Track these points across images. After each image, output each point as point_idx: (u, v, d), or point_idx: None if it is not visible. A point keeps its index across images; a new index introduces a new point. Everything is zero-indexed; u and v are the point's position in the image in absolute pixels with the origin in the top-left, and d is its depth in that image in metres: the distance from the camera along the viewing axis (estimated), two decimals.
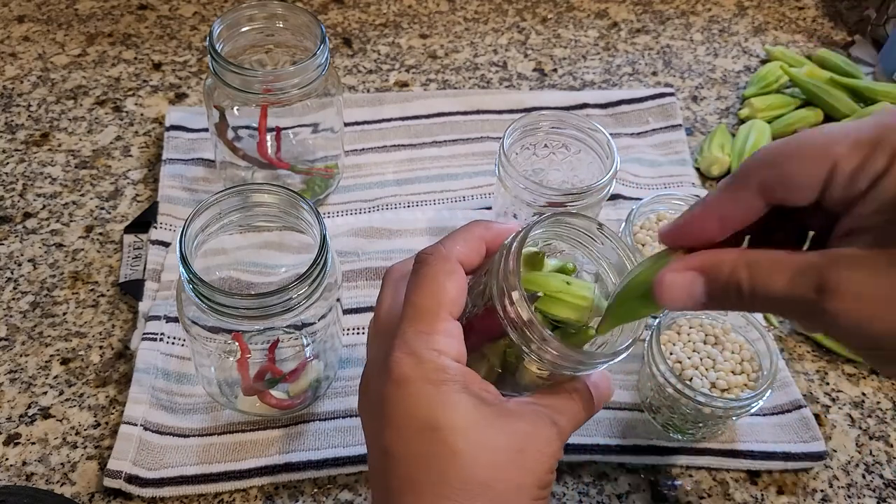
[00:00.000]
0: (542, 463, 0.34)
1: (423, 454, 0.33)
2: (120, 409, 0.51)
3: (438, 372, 0.33)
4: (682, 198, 0.58)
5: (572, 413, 0.36)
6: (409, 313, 0.34)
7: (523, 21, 0.81)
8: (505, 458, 0.33)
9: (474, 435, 0.32)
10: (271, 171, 0.62)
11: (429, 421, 0.32)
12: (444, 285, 0.34)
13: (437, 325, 0.34)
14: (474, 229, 0.37)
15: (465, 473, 0.32)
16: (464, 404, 0.33)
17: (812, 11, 0.85)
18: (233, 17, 0.55)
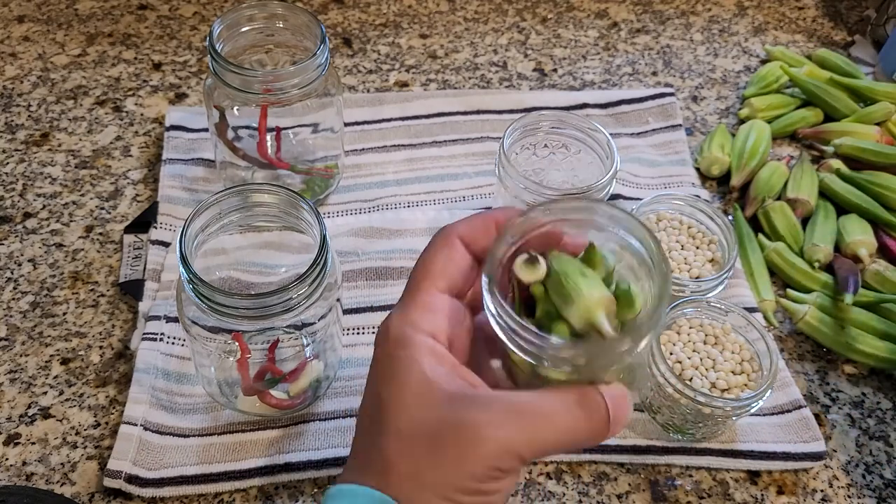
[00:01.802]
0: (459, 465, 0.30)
1: (366, 425, 0.33)
2: (120, 409, 0.51)
3: (398, 345, 0.32)
4: (682, 198, 0.58)
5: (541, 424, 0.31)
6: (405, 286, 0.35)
7: (523, 21, 0.81)
8: (417, 447, 0.31)
9: (402, 414, 0.31)
10: (271, 171, 0.62)
11: (374, 393, 0.33)
12: (432, 258, 0.34)
13: (416, 297, 0.33)
14: (489, 212, 0.36)
15: (384, 453, 0.31)
16: (404, 382, 0.32)
17: (812, 11, 0.85)
18: (233, 17, 0.55)
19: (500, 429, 0.30)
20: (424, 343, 0.32)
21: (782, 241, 0.62)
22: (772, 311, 0.58)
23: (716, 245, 0.57)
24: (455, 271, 0.34)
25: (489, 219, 0.35)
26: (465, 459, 0.30)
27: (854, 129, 0.69)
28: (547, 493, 0.49)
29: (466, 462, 0.30)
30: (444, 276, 0.34)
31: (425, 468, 0.31)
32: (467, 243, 0.35)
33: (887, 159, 0.65)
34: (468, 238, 0.35)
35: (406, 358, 0.32)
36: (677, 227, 0.58)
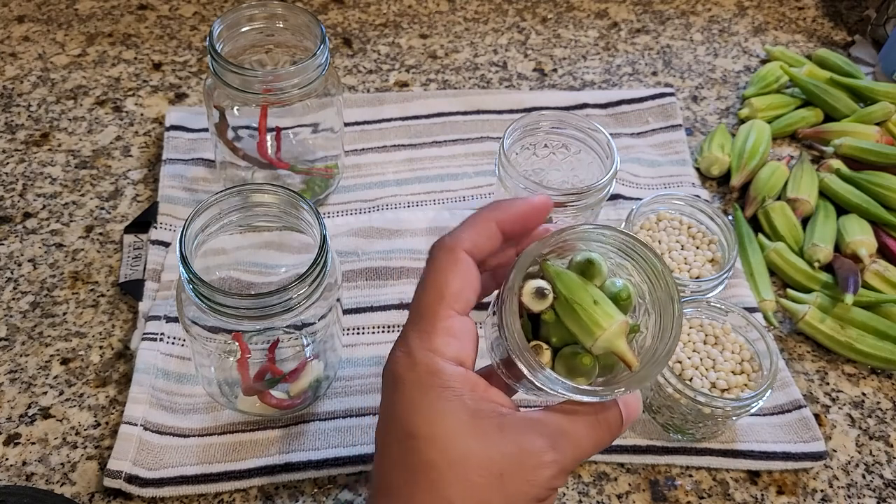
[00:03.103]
0: (524, 490, 0.31)
1: (400, 460, 0.32)
2: (120, 409, 0.51)
3: (430, 375, 0.32)
4: (683, 198, 0.58)
5: (580, 440, 0.32)
6: (413, 310, 0.34)
7: (523, 21, 0.81)
8: (480, 479, 0.31)
9: (452, 449, 0.31)
10: (271, 171, 0.62)
11: (409, 428, 0.31)
12: (445, 280, 0.33)
13: (437, 324, 0.32)
14: (486, 213, 0.35)
15: (433, 487, 0.31)
16: (450, 414, 0.31)
17: (812, 11, 0.85)
18: (233, 17, 0.55)
19: (556, 453, 0.31)
20: (456, 372, 0.32)
21: (782, 241, 0.62)
22: (772, 311, 0.58)
23: (716, 245, 0.57)
24: (470, 291, 0.33)
25: (489, 222, 0.35)
26: (531, 484, 0.31)
27: (854, 129, 0.69)
28: None
29: (533, 487, 0.31)
30: (460, 299, 0.33)
31: (493, 499, 0.31)
32: (472, 253, 0.34)
33: (887, 159, 0.65)
34: (474, 250, 0.34)
35: (442, 388, 0.31)
36: (677, 227, 0.58)
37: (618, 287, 0.34)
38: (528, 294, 0.33)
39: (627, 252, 0.34)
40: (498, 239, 0.35)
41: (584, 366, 0.33)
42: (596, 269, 0.34)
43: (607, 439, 0.33)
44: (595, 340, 0.32)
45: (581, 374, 0.33)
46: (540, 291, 0.33)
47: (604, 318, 0.32)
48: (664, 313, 0.33)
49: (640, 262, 0.34)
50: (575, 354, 0.33)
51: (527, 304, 0.33)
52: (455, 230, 0.35)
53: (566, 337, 0.34)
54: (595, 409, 0.33)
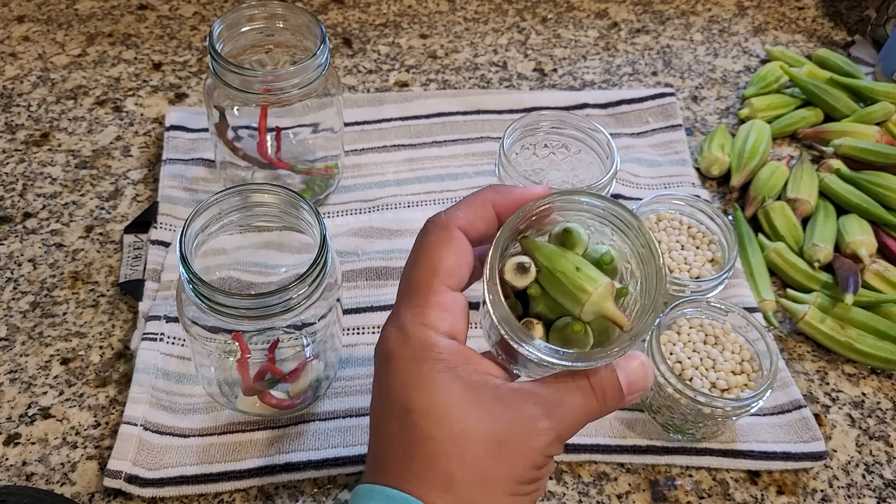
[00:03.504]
0: (523, 457, 0.31)
1: (395, 435, 0.32)
2: (120, 409, 0.51)
3: (423, 349, 0.31)
4: (683, 198, 0.58)
5: (574, 407, 0.32)
6: (404, 286, 0.33)
7: (523, 21, 0.81)
8: (477, 449, 0.31)
9: (450, 421, 0.31)
10: (271, 171, 0.62)
11: (404, 403, 0.31)
12: (438, 255, 0.33)
13: (430, 298, 0.32)
14: (483, 193, 0.35)
15: (431, 461, 0.31)
16: (445, 386, 0.31)
17: (812, 11, 0.85)
18: (233, 17, 0.55)
19: (551, 420, 0.32)
20: (449, 345, 0.32)
21: (782, 241, 0.62)
22: (772, 311, 0.58)
23: (716, 245, 0.57)
24: (463, 268, 0.33)
25: (486, 204, 0.34)
26: (528, 451, 0.31)
27: (854, 129, 0.69)
28: (547, 493, 0.49)
29: (529, 454, 0.31)
30: (453, 275, 0.33)
31: (492, 468, 0.31)
32: (467, 232, 0.34)
33: (887, 159, 0.65)
34: (468, 228, 0.34)
35: (436, 361, 0.31)
36: (677, 227, 0.58)
37: (600, 253, 0.34)
38: (511, 271, 0.33)
39: (604, 216, 0.34)
40: (494, 222, 0.34)
41: (576, 333, 0.32)
42: (574, 237, 0.34)
43: (604, 407, 0.33)
44: (583, 306, 0.32)
45: (576, 344, 0.33)
46: (521, 266, 0.33)
47: (588, 283, 0.32)
48: (647, 268, 0.33)
49: (617, 224, 0.34)
50: (566, 325, 0.33)
51: (510, 280, 0.33)
52: (451, 208, 0.34)
53: (556, 309, 0.33)
54: (589, 377, 0.33)
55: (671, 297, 0.53)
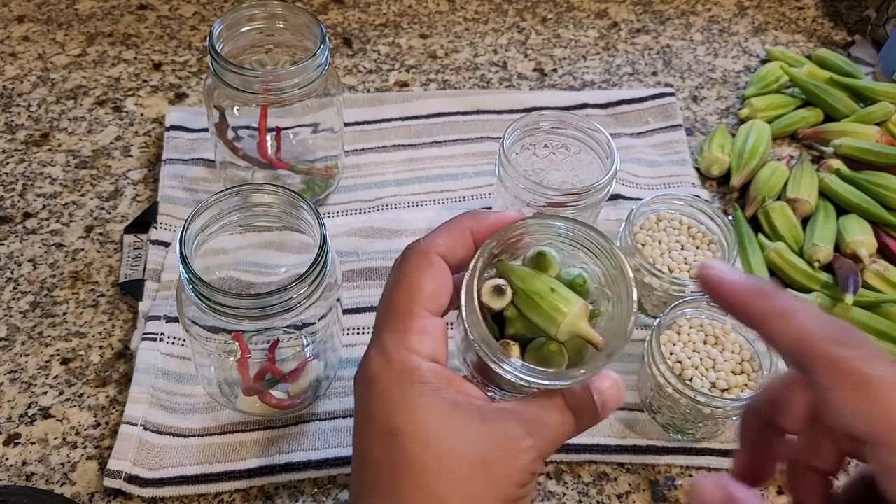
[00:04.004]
0: (508, 476, 0.31)
1: (381, 460, 0.32)
2: (120, 409, 0.51)
3: (406, 373, 0.32)
4: (683, 198, 0.58)
5: (554, 425, 0.33)
6: (384, 311, 0.34)
7: (523, 21, 0.81)
8: (464, 469, 0.31)
9: (436, 443, 0.31)
10: (271, 171, 0.62)
11: (389, 426, 0.31)
12: (418, 281, 0.33)
13: (411, 324, 0.33)
14: (461, 220, 0.35)
15: (419, 483, 0.31)
16: (429, 409, 0.31)
17: (812, 11, 0.85)
18: (233, 17, 0.55)
19: (534, 438, 0.32)
20: (432, 368, 0.32)
21: (782, 241, 0.62)
22: None
23: (716, 245, 0.57)
24: (443, 293, 0.34)
25: (464, 230, 0.35)
26: (513, 470, 0.31)
27: (854, 129, 0.69)
28: (547, 492, 0.49)
29: (514, 472, 0.31)
30: (433, 300, 0.33)
31: (479, 488, 0.31)
32: (446, 258, 0.34)
33: (887, 159, 0.65)
34: (447, 254, 0.34)
35: (421, 385, 0.32)
36: (677, 227, 0.58)
37: (573, 275, 0.35)
38: (487, 293, 0.34)
39: (574, 238, 0.34)
40: (471, 248, 0.35)
41: (552, 353, 0.33)
42: (548, 260, 0.35)
43: (580, 425, 0.34)
44: (558, 326, 0.33)
45: (552, 364, 0.34)
46: (498, 289, 0.33)
47: (563, 303, 0.33)
48: (619, 289, 0.34)
49: (588, 245, 0.34)
50: (542, 345, 0.34)
51: (487, 302, 0.33)
52: (429, 234, 0.35)
53: (532, 330, 0.34)
54: (565, 396, 0.33)
55: (671, 297, 0.53)
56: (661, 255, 0.56)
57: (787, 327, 0.29)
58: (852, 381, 0.27)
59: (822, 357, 0.27)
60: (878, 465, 0.27)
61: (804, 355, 0.28)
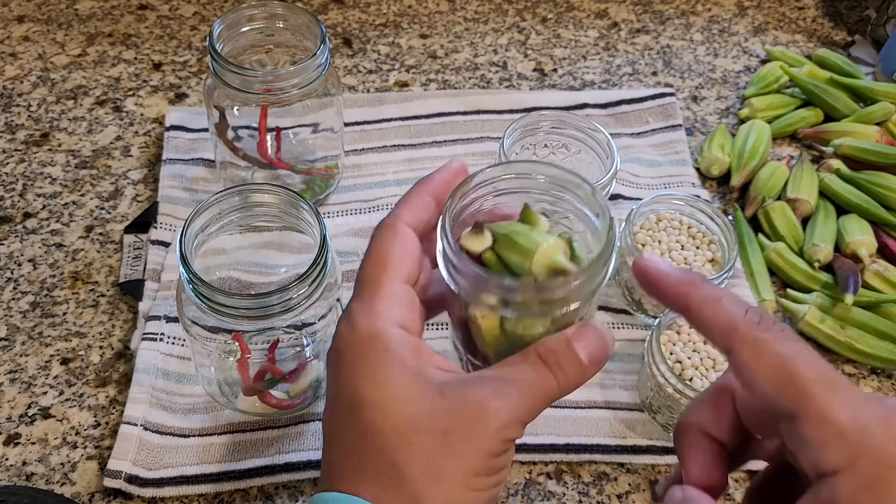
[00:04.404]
0: (475, 445, 0.30)
1: (345, 431, 0.32)
2: (120, 409, 0.51)
3: (371, 340, 0.31)
4: (683, 198, 0.58)
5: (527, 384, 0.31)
6: (356, 285, 0.34)
7: (523, 21, 0.81)
8: (425, 441, 0.30)
9: (396, 413, 0.30)
10: (271, 171, 0.62)
11: (353, 397, 0.31)
12: (385, 250, 0.33)
13: (379, 290, 0.32)
14: (416, 187, 0.36)
15: (380, 456, 0.30)
16: (392, 378, 0.31)
17: (812, 11, 0.85)
18: (233, 17, 0.55)
19: (501, 400, 0.30)
20: (397, 335, 0.31)
21: (782, 241, 0.62)
22: (772, 311, 0.58)
23: (716, 245, 0.57)
24: (410, 261, 0.33)
25: (423, 195, 0.35)
26: (479, 438, 0.30)
27: (854, 129, 0.69)
28: (547, 492, 0.49)
29: (482, 440, 0.30)
30: (402, 266, 0.33)
31: (443, 459, 0.30)
32: (412, 226, 0.34)
33: (887, 159, 0.65)
34: (414, 222, 0.34)
35: (384, 353, 0.31)
36: (677, 227, 0.58)
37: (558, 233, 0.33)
38: (466, 236, 0.32)
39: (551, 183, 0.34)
40: (433, 208, 0.35)
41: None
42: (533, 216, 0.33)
43: (563, 380, 0.32)
44: (532, 257, 0.31)
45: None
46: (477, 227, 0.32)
47: (541, 237, 0.32)
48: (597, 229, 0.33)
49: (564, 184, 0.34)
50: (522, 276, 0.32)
51: (466, 245, 0.32)
52: (393, 209, 0.35)
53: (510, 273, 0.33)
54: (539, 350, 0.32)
55: None
56: (660, 255, 0.56)
57: (716, 314, 0.30)
58: (770, 360, 0.28)
59: (746, 339, 0.29)
60: (794, 440, 0.28)
61: (730, 338, 0.29)
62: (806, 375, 0.28)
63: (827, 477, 0.26)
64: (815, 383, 0.27)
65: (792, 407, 0.27)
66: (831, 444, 0.26)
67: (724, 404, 0.32)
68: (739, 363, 0.29)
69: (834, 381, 0.28)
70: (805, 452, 0.27)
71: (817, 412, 0.27)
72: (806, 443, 0.27)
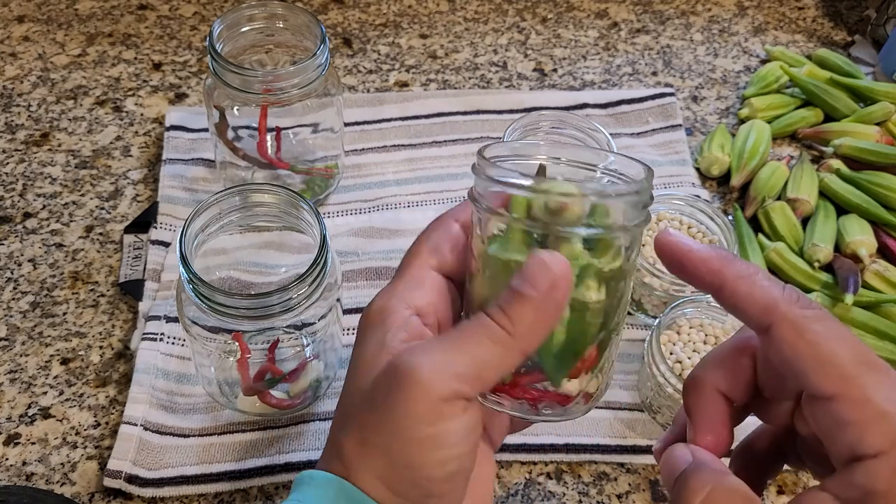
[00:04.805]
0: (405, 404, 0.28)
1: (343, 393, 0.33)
2: (120, 409, 0.51)
3: (374, 318, 0.32)
4: (683, 198, 0.58)
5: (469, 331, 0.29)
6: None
7: (523, 21, 0.81)
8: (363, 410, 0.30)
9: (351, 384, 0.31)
10: (271, 171, 0.62)
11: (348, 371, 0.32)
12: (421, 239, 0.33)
13: (404, 273, 0.33)
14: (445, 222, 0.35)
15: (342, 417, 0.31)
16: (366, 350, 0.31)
17: (812, 11, 0.85)
18: (233, 17, 0.55)
19: (429, 356, 0.28)
20: (400, 314, 0.31)
21: (782, 241, 0.62)
22: None
23: (716, 245, 0.57)
24: (446, 248, 0.33)
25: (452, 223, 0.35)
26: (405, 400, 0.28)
27: (854, 129, 0.69)
28: (547, 492, 0.49)
29: (408, 402, 0.28)
30: (435, 253, 0.33)
31: (370, 429, 0.29)
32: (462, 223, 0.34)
33: (887, 159, 0.65)
34: (464, 221, 0.34)
35: (374, 329, 0.31)
36: (677, 227, 0.58)
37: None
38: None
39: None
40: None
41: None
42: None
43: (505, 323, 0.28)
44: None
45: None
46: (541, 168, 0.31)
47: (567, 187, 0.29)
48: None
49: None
50: None
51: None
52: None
53: None
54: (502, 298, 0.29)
55: (671, 297, 0.54)
56: None
57: (752, 290, 0.29)
58: (811, 338, 0.28)
59: (787, 317, 0.28)
60: (827, 420, 0.27)
61: (769, 314, 0.29)
62: (846, 356, 0.27)
63: (865, 460, 0.26)
64: (855, 365, 0.27)
65: (831, 388, 0.27)
66: (872, 427, 0.26)
67: (743, 364, 0.32)
68: (779, 339, 0.28)
69: (874, 364, 0.27)
70: (842, 434, 0.27)
71: (859, 394, 0.27)
72: (844, 424, 0.27)
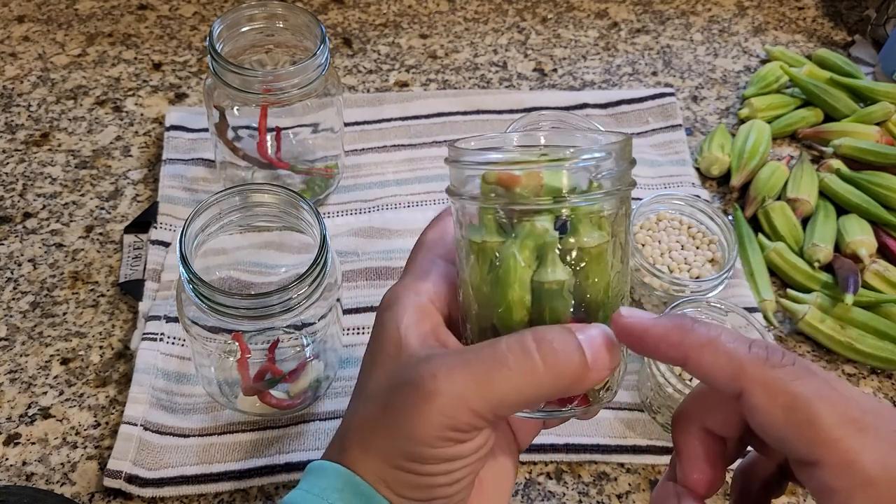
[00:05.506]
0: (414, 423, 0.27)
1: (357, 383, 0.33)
2: (120, 409, 0.51)
3: (387, 307, 0.32)
4: (683, 198, 0.58)
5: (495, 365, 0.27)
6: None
7: (523, 21, 0.81)
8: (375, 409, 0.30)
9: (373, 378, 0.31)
10: (271, 171, 0.62)
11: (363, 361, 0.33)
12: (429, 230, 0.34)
13: (412, 265, 0.34)
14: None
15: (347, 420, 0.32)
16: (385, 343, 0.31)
17: (812, 11, 0.85)
18: (233, 17, 0.55)
19: (449, 379, 0.27)
20: (412, 301, 0.31)
21: (782, 241, 0.62)
22: (772, 311, 0.58)
23: (716, 245, 0.57)
24: (449, 237, 0.34)
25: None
26: (415, 418, 0.27)
27: (854, 129, 0.69)
28: (547, 493, 0.49)
29: (417, 421, 0.27)
30: (440, 244, 0.33)
31: (373, 430, 0.30)
32: None
33: (887, 159, 0.65)
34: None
35: (388, 318, 0.31)
36: (677, 227, 0.58)
37: None
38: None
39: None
40: None
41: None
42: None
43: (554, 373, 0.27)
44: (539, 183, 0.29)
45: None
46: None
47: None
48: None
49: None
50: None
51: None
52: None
53: None
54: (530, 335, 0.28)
55: (671, 297, 0.53)
56: (661, 255, 0.56)
57: (717, 358, 0.27)
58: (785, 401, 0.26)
59: (756, 380, 0.26)
60: (815, 486, 0.26)
61: (738, 381, 0.26)
62: (828, 418, 0.25)
63: None
64: (838, 426, 0.25)
65: (814, 453, 0.25)
66: (858, 495, 0.25)
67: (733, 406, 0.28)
68: (751, 407, 0.26)
69: (859, 422, 0.25)
70: (829, 500, 0.25)
71: (842, 459, 0.25)
72: (830, 492, 0.25)
